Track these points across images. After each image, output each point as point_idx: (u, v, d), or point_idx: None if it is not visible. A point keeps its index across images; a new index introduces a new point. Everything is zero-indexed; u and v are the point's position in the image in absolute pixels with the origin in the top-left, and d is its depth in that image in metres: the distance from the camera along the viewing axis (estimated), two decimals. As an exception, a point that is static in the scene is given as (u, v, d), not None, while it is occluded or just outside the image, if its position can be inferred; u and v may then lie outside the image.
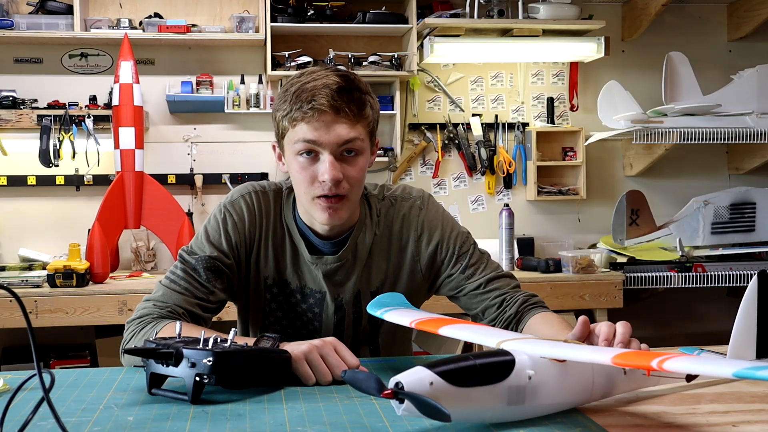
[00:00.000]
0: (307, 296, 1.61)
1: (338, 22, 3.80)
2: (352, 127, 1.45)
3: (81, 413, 1.14)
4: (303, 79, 1.47)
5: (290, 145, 1.48)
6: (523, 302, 1.59)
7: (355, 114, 1.45)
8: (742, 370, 0.87)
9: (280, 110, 1.48)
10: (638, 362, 0.97)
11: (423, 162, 4.04)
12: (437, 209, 1.65)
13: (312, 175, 1.47)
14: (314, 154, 1.46)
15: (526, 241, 3.97)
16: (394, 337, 1.70)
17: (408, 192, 1.66)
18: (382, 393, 0.96)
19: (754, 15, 4.01)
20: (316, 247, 1.60)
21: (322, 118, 1.43)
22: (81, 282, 3.21)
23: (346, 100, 1.44)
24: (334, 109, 1.43)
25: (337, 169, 1.45)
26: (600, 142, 3.99)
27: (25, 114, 3.59)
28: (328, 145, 1.45)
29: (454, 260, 1.62)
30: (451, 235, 1.62)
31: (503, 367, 1.02)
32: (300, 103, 1.44)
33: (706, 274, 3.70)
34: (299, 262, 1.60)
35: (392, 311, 1.37)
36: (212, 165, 3.85)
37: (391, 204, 1.64)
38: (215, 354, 1.16)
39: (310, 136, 1.44)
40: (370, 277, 1.61)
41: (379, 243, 1.62)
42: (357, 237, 1.60)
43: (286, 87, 1.49)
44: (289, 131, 1.47)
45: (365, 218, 1.61)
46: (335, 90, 1.43)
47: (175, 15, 3.78)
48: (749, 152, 4.08)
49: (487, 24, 3.76)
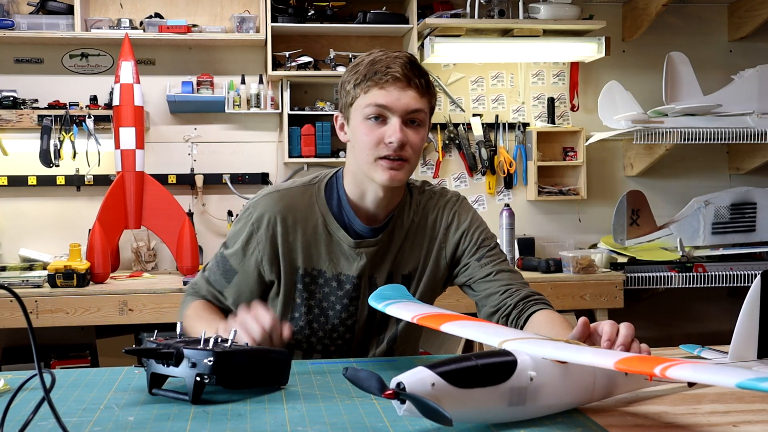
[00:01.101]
0: (343, 283, 1.66)
1: (339, 22, 3.80)
2: (419, 98, 1.56)
3: (82, 413, 1.14)
4: (374, 54, 1.59)
5: (360, 110, 1.57)
6: (526, 296, 1.64)
7: (423, 87, 1.57)
8: (745, 381, 0.87)
9: (351, 80, 1.58)
10: (641, 368, 0.97)
11: (423, 162, 4.04)
12: (469, 207, 1.76)
13: (379, 137, 1.55)
14: (382, 119, 1.55)
15: (527, 241, 3.97)
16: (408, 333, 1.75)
17: (446, 191, 1.77)
18: (383, 393, 0.96)
19: (755, 15, 4.01)
20: (357, 233, 1.66)
21: (396, 84, 1.54)
22: (81, 282, 3.21)
23: (417, 74, 1.56)
24: (406, 78, 1.54)
25: (404, 133, 1.55)
26: (600, 142, 3.98)
27: (26, 114, 3.59)
28: (397, 110, 1.54)
29: (474, 250, 1.70)
30: (477, 229, 1.71)
31: (505, 368, 1.02)
32: (374, 71, 1.54)
33: (706, 275, 3.70)
34: (334, 249, 1.66)
35: (394, 305, 1.37)
36: (213, 165, 3.85)
37: (430, 197, 1.74)
38: (216, 354, 1.16)
39: (381, 101, 1.54)
40: (403, 261, 1.69)
41: (415, 231, 1.70)
42: (397, 221, 1.68)
43: (356, 62, 1.60)
44: (360, 97, 1.56)
45: (405, 204, 1.70)
46: (407, 62, 1.56)
47: (175, 15, 3.78)
48: (750, 152, 4.08)
49: (487, 24, 3.76)
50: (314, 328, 1.68)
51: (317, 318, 1.68)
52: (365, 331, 1.70)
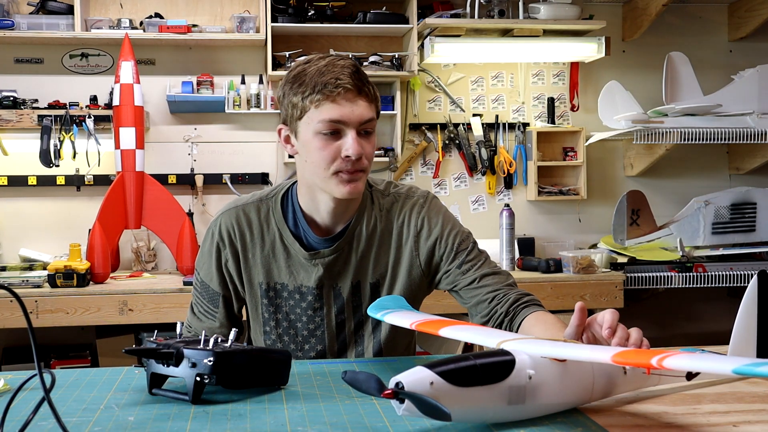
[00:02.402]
0: (305, 294, 1.64)
1: (339, 22, 3.80)
2: (369, 106, 1.53)
3: (82, 413, 1.14)
4: (315, 63, 1.54)
5: (311, 124, 1.52)
6: (515, 300, 1.60)
7: (371, 94, 1.54)
8: (741, 366, 0.87)
9: (297, 93, 1.52)
10: (638, 360, 0.97)
11: (423, 162, 4.04)
12: (439, 208, 1.69)
13: (335, 152, 1.51)
14: (337, 132, 1.52)
15: (527, 241, 3.96)
16: (397, 331, 1.70)
17: (413, 191, 1.71)
18: (382, 393, 0.96)
19: (755, 15, 4.01)
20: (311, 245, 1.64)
21: (347, 95, 1.50)
22: (81, 282, 3.21)
23: (365, 81, 1.53)
24: (357, 88, 1.51)
25: (361, 145, 1.52)
26: (600, 142, 3.99)
27: (26, 114, 3.59)
28: (352, 123, 1.51)
29: (452, 256, 1.65)
30: (450, 232, 1.66)
31: (503, 366, 1.02)
32: (323, 83, 1.49)
33: (706, 274, 3.70)
34: (293, 263, 1.64)
35: (392, 314, 1.37)
36: (213, 165, 3.85)
37: (395, 200, 1.68)
38: (216, 354, 1.17)
39: (336, 116, 1.49)
40: (368, 269, 1.65)
41: (381, 237, 1.66)
42: (355, 229, 1.64)
43: (296, 71, 1.55)
44: (311, 111, 1.51)
45: (364, 210, 1.65)
46: (354, 71, 1.52)
47: (175, 15, 3.78)
48: (750, 152, 4.08)
49: (487, 24, 3.76)
50: (285, 341, 1.67)
51: (287, 331, 1.66)
52: (339, 340, 1.67)
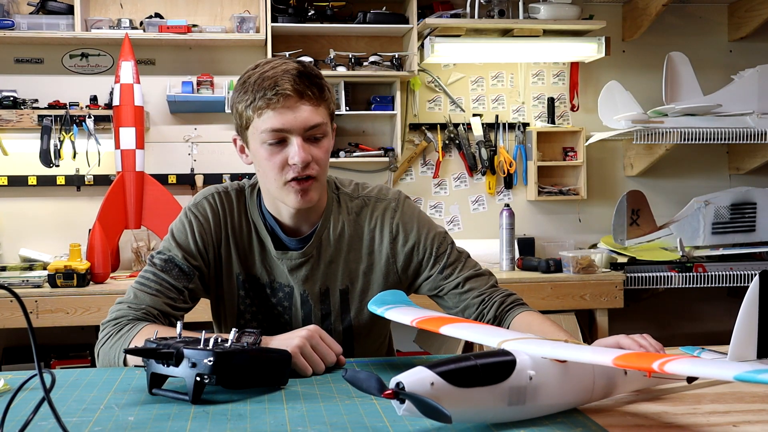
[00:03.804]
0: (276, 290, 1.63)
1: (339, 22, 3.80)
2: (315, 110, 1.48)
3: (82, 413, 1.14)
4: (261, 68, 1.49)
5: (256, 134, 1.49)
6: (501, 303, 1.59)
7: (317, 97, 1.48)
8: (743, 373, 0.87)
9: (241, 101, 1.49)
10: (639, 364, 0.97)
11: (423, 162, 4.04)
12: (412, 210, 1.65)
13: (282, 161, 1.48)
14: (282, 141, 1.48)
15: (527, 241, 3.97)
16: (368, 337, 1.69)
17: (384, 193, 1.66)
18: (382, 393, 0.96)
19: (755, 15, 4.01)
20: (282, 242, 1.61)
21: (287, 102, 1.45)
22: (82, 282, 3.21)
23: (308, 84, 1.47)
24: (297, 93, 1.45)
25: (307, 152, 1.47)
26: (600, 142, 3.99)
27: (26, 114, 3.59)
28: (295, 130, 1.46)
29: (432, 261, 1.62)
30: (428, 237, 1.63)
31: (504, 367, 1.02)
32: (263, 90, 1.45)
33: (706, 274, 3.70)
34: (267, 257, 1.62)
35: (393, 309, 1.37)
36: (213, 165, 3.85)
37: (364, 204, 1.64)
38: (216, 354, 1.16)
39: (277, 125, 1.46)
40: (338, 275, 1.62)
41: (350, 242, 1.62)
42: (322, 233, 1.61)
43: (243, 78, 1.51)
44: (254, 121, 1.48)
45: (331, 214, 1.62)
46: (296, 75, 1.46)
47: (175, 15, 3.78)
48: (750, 152, 4.08)
49: (487, 24, 3.76)
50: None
51: (261, 324, 1.64)
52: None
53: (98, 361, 1.53)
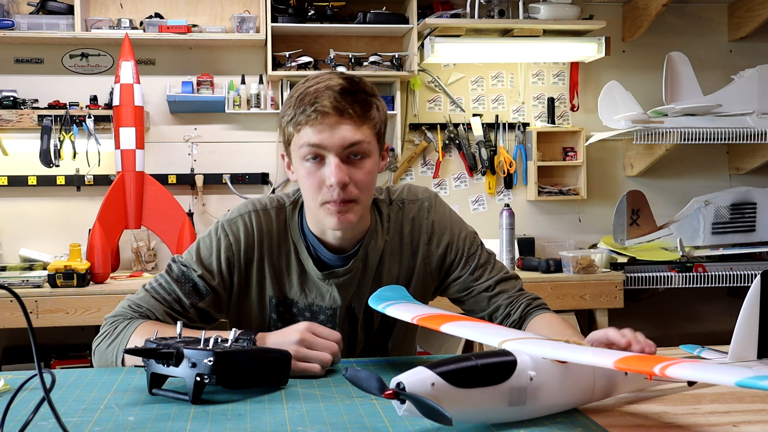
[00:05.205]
0: (316, 314, 1.58)
1: (339, 22, 3.80)
2: (357, 128, 1.42)
3: (82, 413, 1.14)
4: (306, 84, 1.46)
5: (296, 150, 1.45)
6: (527, 306, 1.59)
7: (359, 115, 1.43)
8: (745, 379, 0.87)
9: (285, 116, 1.46)
10: (641, 367, 0.96)
11: (423, 162, 4.04)
12: (445, 210, 1.64)
13: (319, 180, 1.43)
14: (320, 159, 1.43)
15: (527, 241, 3.97)
16: (404, 339, 1.69)
17: (414, 193, 1.64)
18: (383, 393, 0.96)
19: (755, 15, 4.01)
20: (325, 263, 1.56)
21: (326, 120, 1.41)
22: (81, 282, 3.21)
23: (350, 102, 1.42)
24: (337, 111, 1.40)
25: (344, 172, 1.42)
26: (600, 142, 3.99)
27: (26, 114, 3.59)
28: (332, 148, 1.41)
29: (463, 262, 1.62)
30: (460, 237, 1.62)
31: (505, 367, 1.02)
32: (303, 106, 1.41)
33: (706, 274, 3.70)
34: (306, 280, 1.57)
35: (394, 305, 1.36)
36: (213, 165, 3.85)
37: (399, 208, 1.61)
38: (216, 354, 1.16)
39: (314, 140, 1.41)
40: (381, 283, 1.59)
41: (390, 248, 1.60)
42: (368, 245, 1.57)
43: (291, 93, 1.48)
44: (294, 137, 1.45)
45: (376, 225, 1.58)
46: (338, 92, 1.41)
47: (175, 15, 3.78)
48: (750, 152, 4.08)
49: (487, 24, 3.76)
50: None
51: None
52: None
53: (94, 359, 1.53)
